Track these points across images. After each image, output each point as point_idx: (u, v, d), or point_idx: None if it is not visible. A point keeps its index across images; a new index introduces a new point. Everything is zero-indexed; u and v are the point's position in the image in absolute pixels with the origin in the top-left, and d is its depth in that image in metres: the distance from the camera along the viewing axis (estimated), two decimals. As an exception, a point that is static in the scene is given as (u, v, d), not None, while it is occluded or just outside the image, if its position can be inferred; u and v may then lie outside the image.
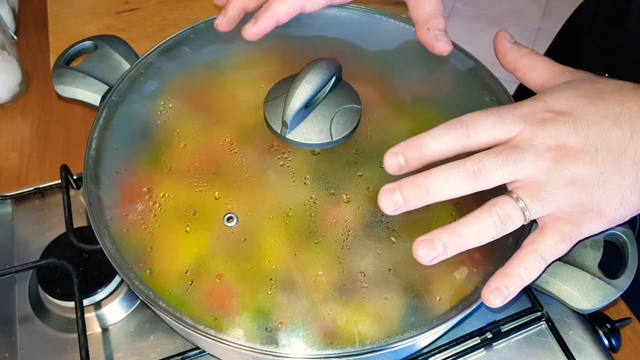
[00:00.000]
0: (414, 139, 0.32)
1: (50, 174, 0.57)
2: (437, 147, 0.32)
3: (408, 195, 0.31)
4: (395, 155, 0.32)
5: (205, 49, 0.45)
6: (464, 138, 0.32)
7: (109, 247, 0.35)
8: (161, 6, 0.72)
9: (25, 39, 0.70)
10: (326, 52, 0.43)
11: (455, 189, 0.31)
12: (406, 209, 0.32)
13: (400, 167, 0.32)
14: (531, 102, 0.33)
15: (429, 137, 0.32)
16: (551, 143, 0.31)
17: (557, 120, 0.32)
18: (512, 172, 0.31)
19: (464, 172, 0.31)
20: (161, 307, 0.33)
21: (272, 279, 0.34)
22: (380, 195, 0.32)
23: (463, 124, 0.32)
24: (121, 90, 0.42)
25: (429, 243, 0.31)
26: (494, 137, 0.32)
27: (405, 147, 0.32)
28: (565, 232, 0.32)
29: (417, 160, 0.32)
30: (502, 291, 0.32)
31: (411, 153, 0.32)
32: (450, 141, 0.32)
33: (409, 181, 0.32)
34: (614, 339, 0.45)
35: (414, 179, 0.32)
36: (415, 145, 0.32)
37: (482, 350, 0.44)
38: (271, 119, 0.37)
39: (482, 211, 0.32)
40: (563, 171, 0.31)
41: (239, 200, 0.36)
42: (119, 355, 0.43)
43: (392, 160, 0.32)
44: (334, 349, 0.32)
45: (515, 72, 0.39)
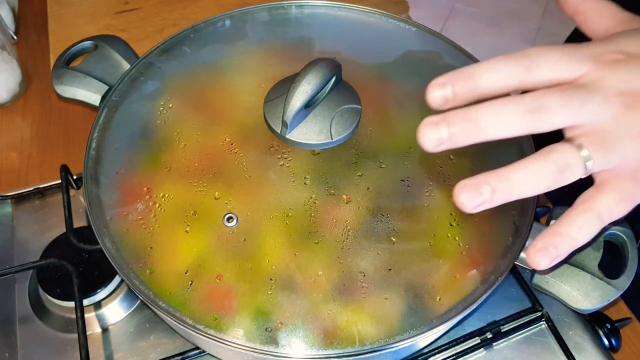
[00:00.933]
0: (466, 68, 0.28)
1: (50, 174, 0.56)
2: (493, 79, 0.28)
3: (455, 129, 0.27)
4: (442, 86, 0.28)
5: (205, 49, 0.45)
6: (525, 72, 0.28)
7: (109, 247, 0.35)
8: (161, 6, 0.72)
9: (25, 39, 0.70)
10: (326, 52, 0.43)
11: (511, 127, 0.27)
12: (450, 146, 0.28)
13: (446, 100, 0.28)
14: (601, 42, 0.29)
15: (484, 67, 0.28)
16: (622, 87, 0.28)
17: (630, 63, 0.28)
18: (577, 114, 0.28)
19: (523, 108, 0.27)
20: (161, 307, 0.33)
21: (272, 279, 0.34)
22: (421, 127, 0.28)
23: (525, 56, 0.28)
24: (121, 90, 0.42)
25: (475, 187, 0.27)
26: (558, 74, 0.28)
27: (456, 77, 0.28)
28: (628, 190, 0.28)
29: (468, 93, 0.28)
30: (551, 251, 0.28)
31: (462, 84, 0.28)
32: (508, 74, 0.28)
33: (458, 113, 0.27)
34: (614, 339, 0.45)
35: (463, 111, 0.27)
36: (468, 75, 0.28)
37: (482, 350, 0.44)
38: (271, 119, 0.37)
39: (538, 157, 0.28)
40: (634, 120, 0.28)
41: (239, 200, 0.36)
42: (119, 355, 0.43)
43: (437, 92, 0.28)
44: (334, 349, 0.32)
45: (575, 16, 0.34)
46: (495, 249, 0.36)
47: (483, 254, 0.35)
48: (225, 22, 0.47)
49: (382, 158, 0.37)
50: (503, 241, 0.36)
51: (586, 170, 0.28)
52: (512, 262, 0.35)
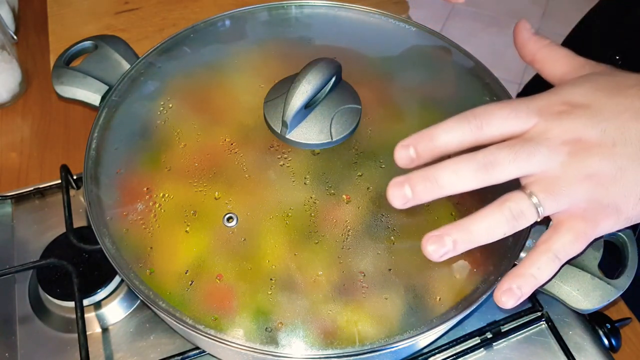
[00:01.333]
0: (425, 131, 0.31)
1: (50, 174, 0.56)
2: (449, 139, 0.31)
3: (417, 188, 0.30)
4: (406, 148, 0.31)
5: (205, 49, 0.45)
6: (477, 130, 0.31)
7: (109, 247, 0.35)
8: (161, 6, 0.72)
9: (25, 39, 0.70)
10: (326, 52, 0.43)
11: (467, 182, 0.30)
12: (415, 203, 0.31)
13: (411, 160, 0.31)
14: (547, 95, 0.32)
15: (440, 129, 0.31)
16: (567, 137, 0.30)
17: (573, 113, 0.31)
18: (526, 166, 0.30)
19: (475, 165, 0.30)
20: (161, 307, 0.33)
21: (272, 279, 0.34)
22: (389, 188, 0.31)
23: (476, 116, 0.31)
24: (121, 90, 0.42)
25: (439, 239, 0.30)
26: (507, 129, 0.31)
27: (416, 139, 0.31)
28: (581, 229, 0.31)
29: (429, 153, 0.31)
30: (515, 292, 0.31)
31: (422, 145, 0.31)
32: (462, 133, 0.31)
33: (419, 174, 0.31)
34: (614, 339, 0.45)
35: (423, 171, 0.30)
36: (427, 137, 0.31)
37: (482, 350, 0.44)
38: (271, 119, 0.37)
39: (493, 207, 0.31)
40: (579, 165, 0.30)
41: (239, 200, 0.36)
42: (119, 355, 0.43)
43: (403, 153, 0.31)
44: (334, 349, 0.32)
45: (534, 64, 0.37)
46: (495, 249, 0.36)
47: (483, 254, 0.35)
48: (225, 22, 0.47)
49: (382, 158, 0.37)
50: (503, 241, 0.36)
51: (538, 215, 0.30)
52: (512, 262, 0.35)
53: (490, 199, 0.38)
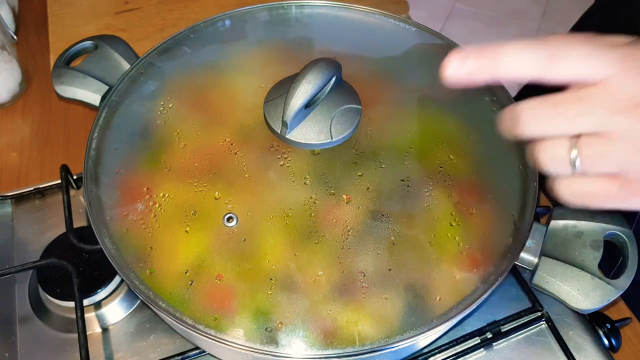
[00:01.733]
0: (490, 46, 0.27)
1: (50, 174, 0.56)
2: (514, 64, 0.27)
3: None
4: (463, 59, 0.27)
5: (205, 49, 0.45)
6: (548, 62, 0.26)
7: (109, 247, 0.35)
8: (161, 6, 0.72)
9: (25, 39, 0.70)
10: (326, 52, 0.43)
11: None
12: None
13: (462, 74, 0.28)
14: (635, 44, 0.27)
15: (508, 48, 0.27)
16: None
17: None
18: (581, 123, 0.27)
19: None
20: (161, 307, 0.33)
21: (272, 279, 0.34)
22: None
23: (553, 45, 0.26)
24: (121, 90, 0.42)
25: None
26: (580, 72, 0.27)
27: (478, 52, 0.27)
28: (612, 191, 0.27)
29: (485, 72, 0.27)
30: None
31: (482, 61, 0.27)
32: (531, 60, 0.27)
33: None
34: (614, 339, 0.45)
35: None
36: (491, 53, 0.27)
37: (482, 350, 0.44)
38: (271, 119, 0.37)
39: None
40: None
41: (239, 200, 0.36)
42: (119, 355, 0.43)
43: (456, 63, 0.27)
44: (334, 349, 0.32)
45: None
46: (495, 249, 0.36)
47: (483, 254, 0.35)
48: (225, 22, 0.47)
49: (382, 158, 0.37)
50: (503, 241, 0.36)
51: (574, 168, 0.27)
52: (512, 262, 0.35)
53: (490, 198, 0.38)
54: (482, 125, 0.41)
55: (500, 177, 0.39)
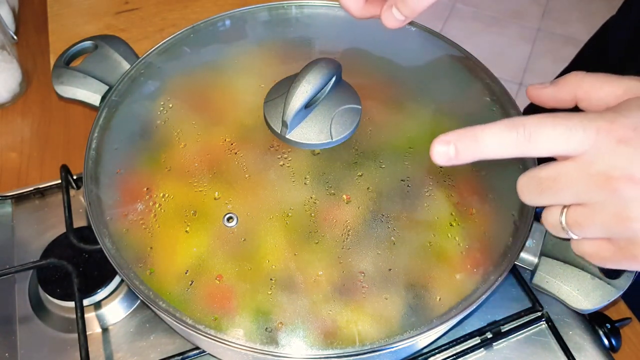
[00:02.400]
0: (470, 130, 0.29)
1: (50, 174, 0.56)
2: (493, 145, 0.29)
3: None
4: (447, 144, 0.29)
5: (205, 49, 0.45)
6: (524, 143, 0.28)
7: (109, 247, 0.35)
8: (161, 6, 0.72)
9: (25, 39, 0.70)
10: (326, 52, 0.43)
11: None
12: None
13: (449, 158, 0.29)
14: (610, 114, 0.28)
15: (486, 132, 0.29)
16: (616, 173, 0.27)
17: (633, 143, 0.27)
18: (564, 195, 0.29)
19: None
20: (161, 307, 0.33)
21: (272, 279, 0.34)
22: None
23: (526, 128, 0.28)
24: (121, 90, 0.42)
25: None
26: (556, 150, 0.28)
27: (459, 137, 0.29)
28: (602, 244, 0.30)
29: (469, 154, 0.29)
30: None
31: (465, 145, 0.29)
32: (508, 142, 0.28)
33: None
34: (614, 339, 0.45)
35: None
36: (471, 137, 0.29)
37: (482, 350, 0.44)
38: (271, 119, 0.37)
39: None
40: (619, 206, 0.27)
41: (239, 200, 0.36)
42: (119, 355, 0.43)
43: (442, 149, 0.29)
44: (334, 349, 0.32)
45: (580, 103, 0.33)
46: (495, 249, 0.36)
47: (483, 254, 0.35)
48: (225, 22, 0.47)
49: (382, 158, 0.37)
50: (503, 241, 0.36)
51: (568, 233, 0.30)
52: (512, 262, 0.35)
53: (490, 198, 0.38)
54: (482, 125, 0.41)
55: (500, 177, 0.39)
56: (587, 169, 0.28)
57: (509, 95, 0.42)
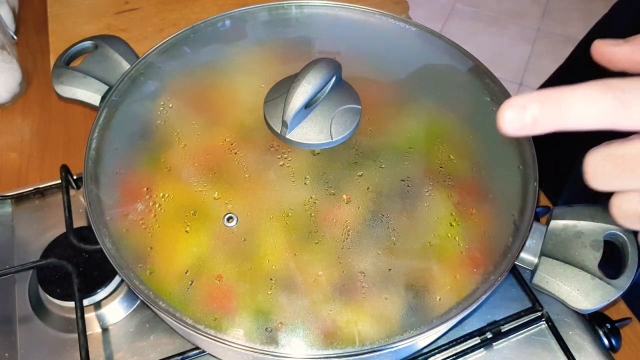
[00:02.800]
0: (551, 92, 0.24)
1: (50, 174, 0.56)
2: (583, 112, 0.23)
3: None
4: (522, 108, 0.24)
5: (205, 49, 0.45)
6: (620, 111, 0.23)
7: (109, 247, 0.35)
8: (161, 6, 0.72)
9: (25, 39, 0.70)
10: (326, 52, 0.43)
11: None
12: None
13: (523, 126, 0.24)
14: None
15: (576, 95, 0.24)
16: None
17: None
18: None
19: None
20: (161, 307, 0.33)
21: (272, 279, 0.34)
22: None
23: (625, 92, 0.23)
24: (121, 90, 0.42)
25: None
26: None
27: (541, 99, 0.24)
28: None
29: (550, 123, 0.24)
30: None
31: (546, 110, 0.24)
32: (602, 109, 0.23)
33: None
34: (614, 339, 0.45)
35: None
36: (554, 100, 0.24)
37: (482, 350, 0.44)
38: (271, 119, 0.37)
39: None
40: None
41: (239, 200, 0.36)
42: (119, 355, 0.43)
43: (514, 113, 0.24)
44: (334, 349, 0.32)
45: None
46: (495, 249, 0.36)
47: (483, 254, 0.35)
48: (225, 22, 0.47)
49: (382, 158, 0.37)
50: (503, 241, 0.36)
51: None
52: (512, 262, 0.35)
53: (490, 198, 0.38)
54: (482, 125, 0.41)
55: (500, 177, 0.39)
56: None
57: (509, 95, 0.42)
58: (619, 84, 0.23)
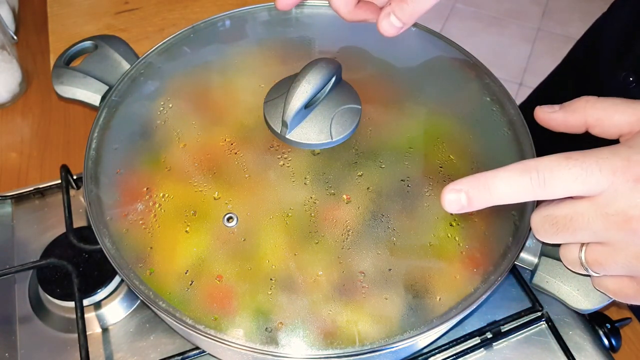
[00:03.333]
0: (480, 177, 0.29)
1: (50, 174, 0.57)
2: (506, 192, 0.28)
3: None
4: (458, 192, 0.29)
5: (205, 49, 0.45)
6: (539, 188, 0.28)
7: (109, 247, 0.35)
8: (161, 6, 0.72)
9: (25, 39, 0.70)
10: (326, 52, 0.43)
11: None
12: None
13: (461, 207, 0.29)
14: (625, 151, 0.27)
15: (498, 180, 0.28)
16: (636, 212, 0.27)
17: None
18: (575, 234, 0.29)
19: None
20: (161, 307, 0.33)
21: (272, 279, 0.34)
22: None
23: (540, 172, 0.28)
24: (121, 90, 0.42)
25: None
26: (572, 192, 0.28)
27: (470, 185, 0.29)
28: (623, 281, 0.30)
29: (482, 202, 0.29)
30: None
31: (476, 193, 0.29)
32: (522, 189, 0.28)
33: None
34: (614, 339, 0.45)
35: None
36: (482, 185, 0.29)
37: (482, 350, 0.44)
38: (271, 119, 0.37)
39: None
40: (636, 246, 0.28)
41: (239, 200, 0.36)
42: (119, 355, 0.43)
43: (453, 197, 0.29)
44: (334, 349, 0.32)
45: (591, 130, 0.33)
46: (495, 249, 0.36)
47: (483, 254, 0.35)
48: (225, 22, 0.47)
49: (382, 158, 0.37)
50: (503, 241, 0.36)
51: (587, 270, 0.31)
52: (512, 262, 0.35)
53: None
54: (482, 125, 0.41)
55: (500, 177, 0.39)
56: (605, 208, 0.27)
57: (509, 95, 0.42)
58: (535, 165, 0.28)
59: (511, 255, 0.35)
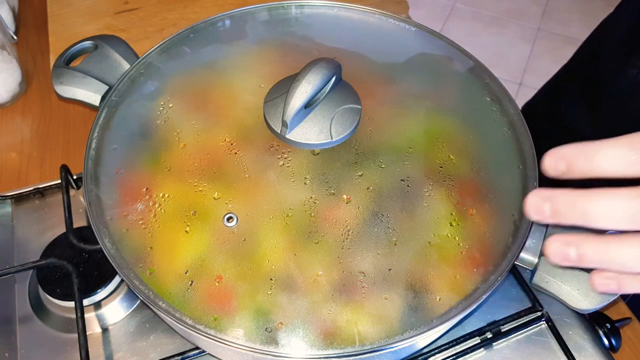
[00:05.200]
0: (585, 147, 0.28)
1: (50, 174, 0.57)
2: (609, 166, 0.27)
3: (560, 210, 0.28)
4: (559, 160, 0.28)
5: (205, 49, 0.45)
6: None
7: (109, 247, 0.35)
8: (161, 6, 0.72)
9: (25, 39, 0.70)
10: (326, 52, 0.43)
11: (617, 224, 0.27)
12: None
13: (560, 173, 0.29)
14: None
15: (602, 153, 0.27)
16: None
17: None
18: None
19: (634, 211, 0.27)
20: (161, 307, 0.33)
21: (272, 279, 0.34)
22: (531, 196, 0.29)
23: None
24: (121, 90, 0.42)
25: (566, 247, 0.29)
26: None
27: (574, 155, 0.28)
28: None
29: (581, 173, 0.28)
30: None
31: (578, 163, 0.28)
32: (627, 163, 0.27)
33: (567, 198, 0.28)
34: (614, 339, 0.45)
35: (572, 196, 0.28)
36: (584, 156, 0.28)
37: (482, 350, 0.44)
38: (271, 119, 0.37)
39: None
40: None
41: (239, 200, 0.36)
42: (119, 355, 0.43)
43: (553, 162, 0.29)
44: (334, 349, 0.32)
45: None
46: (495, 249, 0.36)
47: (483, 254, 0.35)
48: (225, 22, 0.47)
49: (382, 158, 0.37)
50: (503, 241, 0.36)
51: None
52: (512, 262, 0.35)
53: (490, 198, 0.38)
54: (482, 125, 0.41)
55: (500, 177, 0.39)
56: None
57: (509, 95, 0.42)
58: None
59: (511, 255, 0.35)
